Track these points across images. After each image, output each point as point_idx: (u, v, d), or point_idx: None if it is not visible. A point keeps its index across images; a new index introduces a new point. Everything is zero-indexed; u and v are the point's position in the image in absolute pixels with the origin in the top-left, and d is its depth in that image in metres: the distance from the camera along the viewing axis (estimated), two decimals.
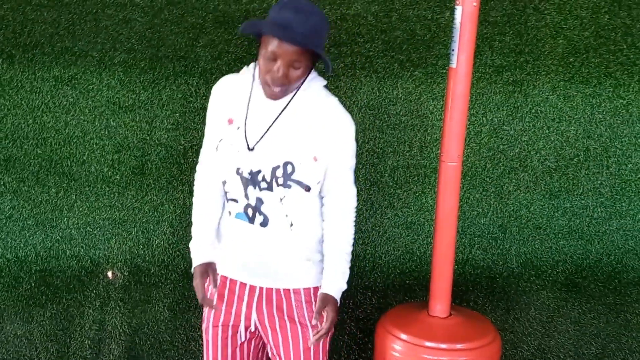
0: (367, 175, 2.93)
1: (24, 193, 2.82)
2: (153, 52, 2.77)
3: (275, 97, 2.13)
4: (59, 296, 2.89)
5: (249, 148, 2.16)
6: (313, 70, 2.22)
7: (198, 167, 2.32)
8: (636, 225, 3.08)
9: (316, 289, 2.29)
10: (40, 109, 2.77)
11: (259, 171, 2.16)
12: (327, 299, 2.21)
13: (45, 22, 2.70)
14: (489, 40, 2.89)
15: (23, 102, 2.76)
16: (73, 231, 2.86)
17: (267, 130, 2.16)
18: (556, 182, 3.02)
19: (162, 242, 2.89)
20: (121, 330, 2.92)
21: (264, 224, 2.19)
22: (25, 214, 2.83)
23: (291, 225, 2.20)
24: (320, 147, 2.18)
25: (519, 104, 2.95)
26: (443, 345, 2.37)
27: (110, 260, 2.89)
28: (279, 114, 2.16)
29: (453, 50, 2.35)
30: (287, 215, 2.19)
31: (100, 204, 2.85)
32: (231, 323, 2.29)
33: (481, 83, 2.91)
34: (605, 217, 3.07)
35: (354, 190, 2.29)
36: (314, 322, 2.17)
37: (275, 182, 2.16)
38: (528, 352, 3.09)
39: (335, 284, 2.25)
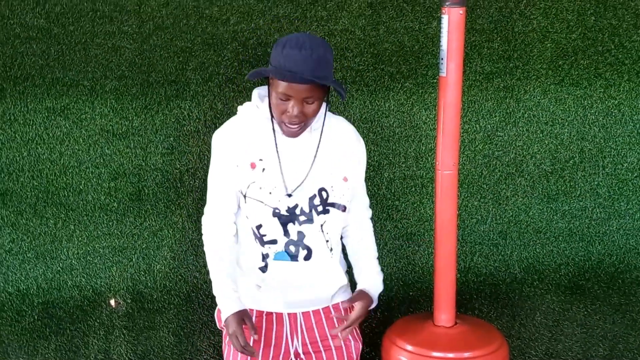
0: None
1: (23, 226, 2.81)
2: (144, 78, 2.77)
3: (294, 135, 2.15)
4: (63, 327, 2.88)
5: (288, 194, 2.16)
6: None
7: (205, 220, 2.27)
8: (636, 224, 3.09)
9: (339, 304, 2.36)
10: (35, 141, 2.77)
11: (296, 205, 2.17)
12: (363, 295, 2.28)
13: (34, 54, 2.71)
14: (478, 47, 2.90)
15: (17, 135, 2.76)
16: (73, 261, 2.85)
17: (307, 175, 2.17)
18: (553, 185, 3.03)
19: (163, 267, 2.88)
20: (127, 358, 2.91)
21: (308, 257, 2.20)
22: (24, 247, 2.82)
23: (331, 250, 2.23)
24: (347, 167, 2.25)
25: (511, 109, 2.96)
26: (450, 355, 2.36)
27: (112, 288, 2.88)
28: (315, 155, 2.18)
29: (442, 59, 2.36)
30: (327, 241, 2.21)
31: (99, 232, 2.85)
32: (270, 356, 2.27)
33: (472, 90, 2.92)
34: (605, 217, 3.07)
35: (367, 201, 2.42)
36: (344, 305, 2.28)
37: (314, 212, 2.17)
38: (536, 357, 3.08)
39: (373, 283, 2.34)
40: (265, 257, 2.20)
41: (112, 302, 2.89)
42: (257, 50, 2.79)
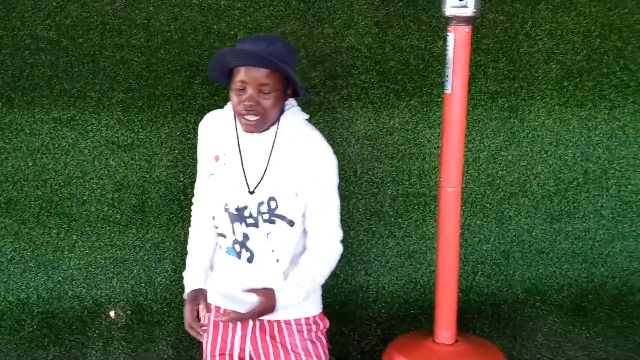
0: (367, 205, 2.93)
1: (25, 235, 2.82)
2: (151, 91, 2.80)
3: (251, 128, 2.12)
4: (62, 338, 2.87)
5: (250, 192, 2.16)
6: (295, 104, 2.23)
7: (194, 200, 2.33)
8: (639, 246, 3.07)
9: (308, 319, 2.28)
10: (40, 151, 2.79)
11: (245, 207, 2.16)
12: (268, 294, 2.10)
13: (43, 65, 2.74)
14: (483, 67, 2.92)
15: (23, 145, 2.78)
16: (74, 272, 2.86)
17: (264, 173, 2.16)
18: (557, 205, 3.02)
19: (164, 280, 2.88)
20: None
21: (250, 259, 2.18)
22: (26, 256, 2.83)
23: (277, 261, 2.19)
24: (300, 182, 2.13)
25: (515, 129, 2.97)
26: None
27: (112, 299, 2.88)
28: (270, 153, 2.17)
29: (447, 76, 2.37)
30: (273, 251, 2.18)
31: (101, 243, 2.85)
32: (227, 352, 2.28)
33: (477, 110, 2.93)
34: (608, 239, 3.06)
35: (338, 233, 2.17)
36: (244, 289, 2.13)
37: (260, 218, 2.16)
38: None
39: (290, 291, 2.13)
40: (219, 248, 2.24)
41: (112, 313, 2.89)
42: None
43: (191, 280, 2.22)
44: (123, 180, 2.83)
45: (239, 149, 2.18)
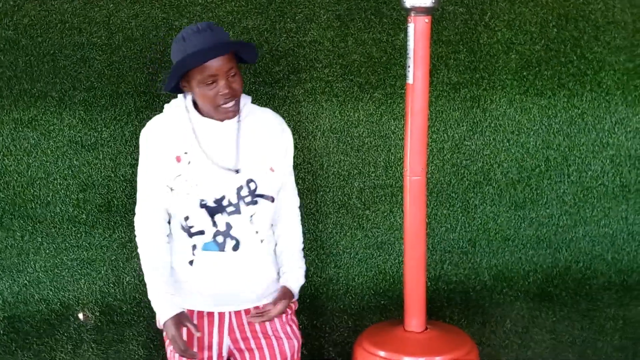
0: (334, 198, 2.95)
1: None
2: (113, 89, 2.77)
3: (230, 114, 2.15)
4: (29, 342, 2.83)
5: (236, 171, 2.16)
6: None
7: (136, 219, 2.26)
8: (601, 231, 3.14)
9: None
10: (2, 153, 2.75)
11: (223, 197, 2.17)
12: (286, 292, 2.25)
13: (2, 66, 2.70)
14: (444, 58, 2.95)
15: None
16: (41, 274, 2.82)
17: (238, 151, 2.17)
18: (520, 193, 3.07)
19: (132, 280, 2.86)
20: None
21: (236, 247, 2.19)
22: None
23: (262, 241, 2.22)
24: (273, 157, 2.23)
25: (478, 119, 3.01)
26: (421, 359, 2.37)
27: (80, 301, 2.85)
28: (238, 134, 2.18)
29: (409, 66, 2.39)
30: (257, 232, 2.20)
31: (67, 244, 2.82)
32: (205, 357, 2.27)
33: (440, 101, 2.96)
34: (571, 224, 3.12)
35: (296, 190, 2.37)
36: (268, 307, 2.20)
37: (242, 202, 2.16)
38: None
39: (295, 278, 2.29)
40: (193, 248, 2.20)
41: (81, 315, 2.86)
42: None
43: (166, 306, 2.15)
44: (88, 180, 2.81)
45: (198, 143, 2.18)
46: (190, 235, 2.20)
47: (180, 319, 2.13)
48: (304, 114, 2.88)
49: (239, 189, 2.17)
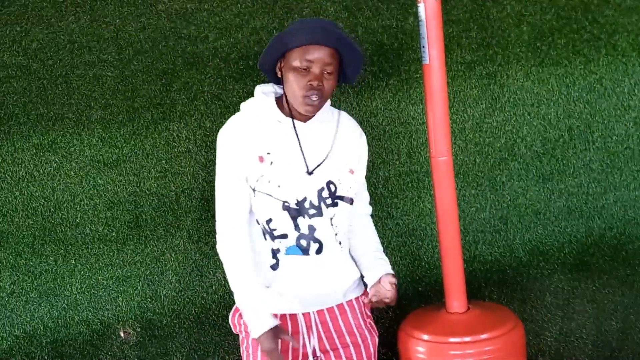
0: None
1: (22, 266, 2.78)
2: (129, 104, 2.77)
3: (312, 109, 2.14)
4: None
5: (308, 172, 2.16)
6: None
7: (220, 228, 2.19)
8: (632, 195, 3.10)
9: (362, 296, 2.36)
10: (25, 180, 2.75)
11: (305, 199, 2.16)
12: (389, 276, 2.34)
13: (16, 92, 2.70)
14: (456, 38, 2.93)
15: (7, 175, 2.74)
16: (78, 296, 2.82)
17: (328, 154, 2.19)
18: (546, 165, 3.04)
19: (169, 292, 2.86)
20: None
21: (319, 250, 2.19)
22: (26, 287, 2.79)
23: (340, 243, 2.22)
24: (352, 160, 2.27)
25: (496, 95, 2.98)
26: (467, 339, 2.35)
27: (120, 319, 2.85)
28: (335, 136, 2.22)
29: (423, 47, 2.37)
30: (337, 234, 2.20)
31: (100, 264, 2.82)
32: (300, 358, 2.25)
33: (456, 81, 2.94)
34: (601, 192, 3.08)
35: (368, 197, 2.47)
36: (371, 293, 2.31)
37: (324, 204, 2.16)
38: (551, 339, 3.06)
39: (388, 267, 2.38)
40: (275, 252, 2.18)
41: (122, 333, 2.85)
42: (239, 65, 2.80)
43: (262, 319, 2.08)
44: (114, 197, 2.80)
45: (281, 142, 2.19)
46: (273, 238, 2.18)
47: (276, 332, 2.09)
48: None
49: (320, 190, 2.17)
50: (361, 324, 2.31)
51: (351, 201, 2.23)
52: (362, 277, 2.38)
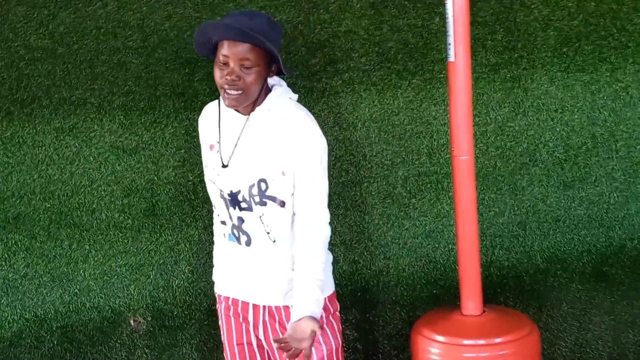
0: (379, 188, 2.90)
1: (37, 249, 2.78)
2: (151, 92, 2.77)
3: (233, 102, 2.12)
4: (83, 351, 2.82)
5: (223, 165, 2.17)
6: (284, 84, 2.23)
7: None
8: None
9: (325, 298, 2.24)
10: (45, 163, 2.75)
11: (239, 191, 2.18)
12: (307, 322, 2.06)
13: (40, 75, 2.71)
14: (482, 40, 2.91)
15: (26, 158, 2.74)
16: (90, 282, 2.81)
17: (235, 145, 2.17)
18: (568, 172, 3.00)
19: (182, 282, 2.84)
20: None
21: (248, 242, 2.20)
22: (40, 271, 2.78)
23: (274, 242, 2.19)
24: (286, 161, 2.13)
25: (520, 99, 2.95)
26: (481, 341, 2.32)
27: (131, 307, 2.83)
28: (243, 128, 2.17)
29: (449, 44, 2.35)
30: (269, 232, 2.17)
31: (114, 251, 2.81)
32: (244, 341, 2.29)
33: (480, 83, 2.91)
34: (622, 201, 3.04)
35: (325, 215, 2.15)
36: (275, 345, 2.07)
37: (252, 201, 2.15)
38: (566, 349, 3.02)
39: (314, 300, 2.10)
40: (223, 236, 2.29)
41: (132, 321, 2.84)
42: None
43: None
44: (131, 184, 2.80)
45: (219, 130, 2.21)
46: (219, 222, 2.28)
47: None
48: (343, 105, 2.85)
49: (251, 186, 2.15)
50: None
51: (282, 204, 2.14)
52: None
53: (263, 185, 2.15)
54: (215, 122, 2.24)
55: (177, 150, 2.80)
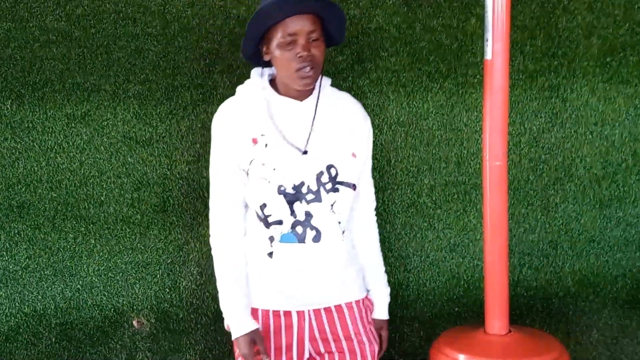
0: (403, 196, 2.75)
1: (40, 241, 2.65)
2: (169, 82, 2.64)
3: (309, 81, 1.99)
4: (82, 350, 2.69)
5: (303, 152, 2.00)
6: None
7: (213, 229, 2.09)
8: None
9: (363, 300, 2.17)
10: (54, 150, 2.64)
11: (302, 183, 2.01)
12: (381, 324, 2.25)
13: (54, 59, 2.60)
14: (520, 45, 2.75)
15: (35, 144, 2.63)
16: (94, 278, 2.68)
17: (310, 132, 2.01)
18: (605, 190, 2.82)
19: (189, 284, 2.70)
20: None
21: (317, 238, 2.02)
22: (42, 264, 2.66)
23: (343, 232, 2.05)
24: (355, 143, 2.09)
25: (557, 109, 2.78)
26: None
27: (135, 307, 2.69)
28: (315, 113, 2.03)
29: (487, 40, 2.20)
30: (339, 223, 2.03)
31: (121, 247, 2.68)
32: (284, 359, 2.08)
33: (515, 90, 2.75)
34: None
35: (373, 188, 2.25)
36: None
37: (323, 189, 2.00)
38: None
39: (384, 303, 2.25)
40: (271, 240, 2.03)
41: (135, 322, 2.70)
42: None
43: (242, 322, 2.01)
44: (142, 178, 2.67)
45: (273, 122, 2.02)
46: (268, 225, 2.04)
47: (254, 337, 2.00)
48: (370, 106, 2.70)
49: (319, 174, 2.00)
50: (360, 330, 2.10)
51: (354, 187, 2.05)
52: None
53: (333, 171, 2.03)
54: (262, 114, 2.04)
55: (192, 144, 2.67)
